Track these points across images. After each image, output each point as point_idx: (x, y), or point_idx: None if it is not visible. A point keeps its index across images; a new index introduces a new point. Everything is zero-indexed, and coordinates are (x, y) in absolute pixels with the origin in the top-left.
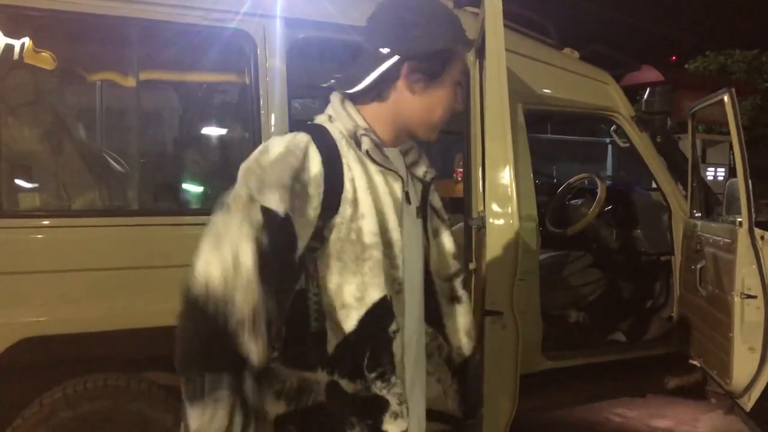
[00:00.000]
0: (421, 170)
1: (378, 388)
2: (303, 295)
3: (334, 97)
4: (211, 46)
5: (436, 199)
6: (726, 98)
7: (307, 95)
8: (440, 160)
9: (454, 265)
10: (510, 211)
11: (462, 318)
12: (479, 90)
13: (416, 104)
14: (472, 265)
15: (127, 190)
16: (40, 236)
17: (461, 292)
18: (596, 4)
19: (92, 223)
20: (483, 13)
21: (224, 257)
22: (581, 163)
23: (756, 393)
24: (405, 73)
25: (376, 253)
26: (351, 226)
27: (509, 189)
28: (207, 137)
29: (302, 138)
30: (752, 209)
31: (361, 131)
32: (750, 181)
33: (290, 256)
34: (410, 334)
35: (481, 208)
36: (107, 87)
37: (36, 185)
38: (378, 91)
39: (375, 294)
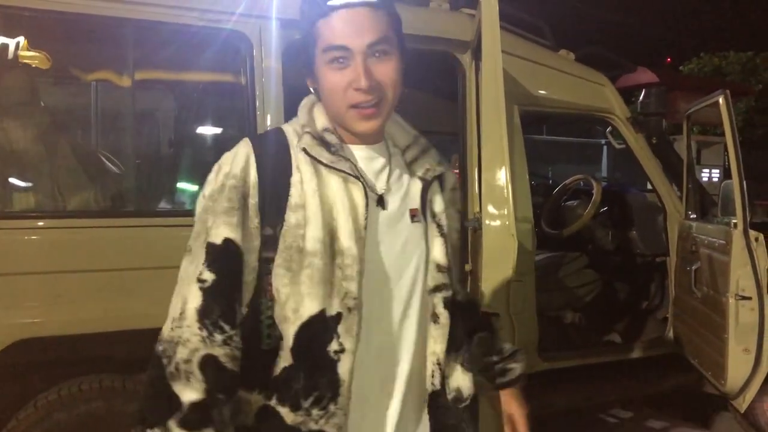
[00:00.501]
0: (421, 168)
1: (314, 418)
2: (256, 310)
3: (304, 100)
4: (207, 47)
5: (437, 202)
6: (721, 100)
7: (303, 96)
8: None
9: (437, 278)
10: (506, 212)
11: (433, 342)
12: (475, 91)
13: (323, 100)
14: (468, 267)
15: (123, 191)
16: (35, 237)
17: (440, 310)
18: (591, 7)
19: (87, 224)
20: (479, 15)
21: (176, 304)
22: (576, 164)
23: (751, 394)
24: (302, 66)
25: (317, 261)
26: (296, 233)
27: (505, 190)
28: (203, 138)
29: (241, 148)
30: (747, 211)
31: (307, 128)
32: (745, 183)
33: (246, 278)
34: (369, 359)
35: (477, 209)
36: (103, 87)
37: (31, 186)
38: (317, 94)
39: (312, 306)
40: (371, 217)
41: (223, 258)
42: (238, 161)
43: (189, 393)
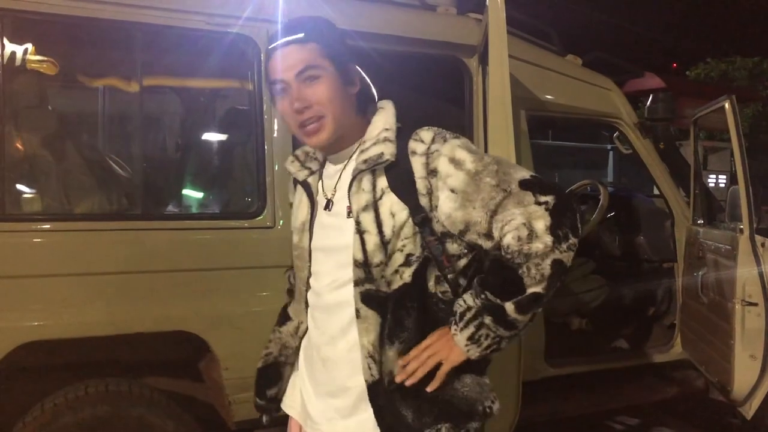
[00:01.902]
0: (350, 168)
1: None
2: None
3: None
4: (214, 51)
5: (357, 199)
6: (727, 105)
7: None
8: None
9: (355, 273)
10: None
11: (361, 336)
12: (482, 95)
13: None
14: None
15: (130, 195)
16: (41, 240)
17: (360, 304)
18: (598, 12)
19: (94, 227)
20: (486, 20)
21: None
22: (582, 169)
23: (757, 401)
24: None
25: (295, 252)
26: None
27: None
28: (210, 142)
29: None
30: (753, 216)
31: (296, 150)
32: (751, 188)
33: None
34: (315, 333)
35: None
36: (110, 92)
37: (38, 189)
38: None
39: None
40: (319, 217)
41: None
42: None
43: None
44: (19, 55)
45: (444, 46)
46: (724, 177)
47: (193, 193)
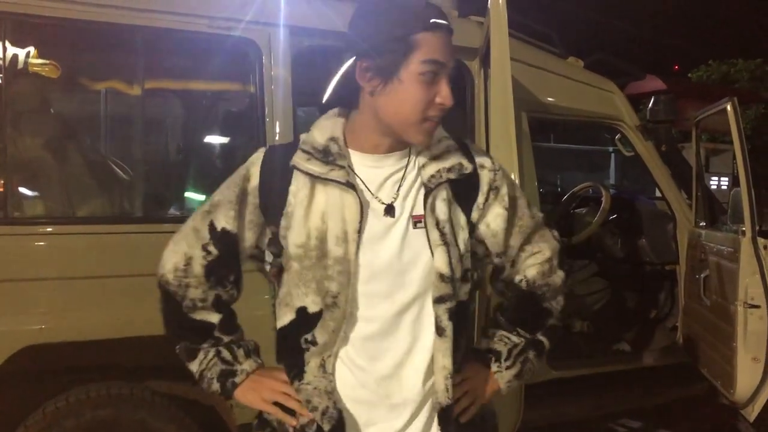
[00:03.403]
0: (427, 174)
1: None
2: (273, 299)
3: (329, 113)
4: (216, 54)
5: (440, 208)
6: (728, 107)
7: (312, 104)
8: None
9: (439, 288)
10: None
11: (440, 355)
12: (484, 98)
13: (381, 106)
14: (476, 274)
15: (132, 198)
16: (43, 243)
17: (446, 322)
18: (600, 14)
19: (96, 231)
20: (488, 22)
21: (178, 256)
22: (583, 171)
23: (760, 403)
24: (359, 74)
25: (295, 265)
26: (284, 235)
27: None
28: (212, 145)
29: (257, 154)
30: (755, 218)
31: (305, 144)
32: (753, 191)
33: (233, 263)
34: (360, 359)
35: None
36: (112, 95)
37: (40, 192)
38: (352, 99)
39: (297, 302)
40: (371, 222)
41: (224, 242)
42: (248, 164)
43: (212, 316)
44: (21, 58)
45: None
46: (726, 179)
47: (196, 196)
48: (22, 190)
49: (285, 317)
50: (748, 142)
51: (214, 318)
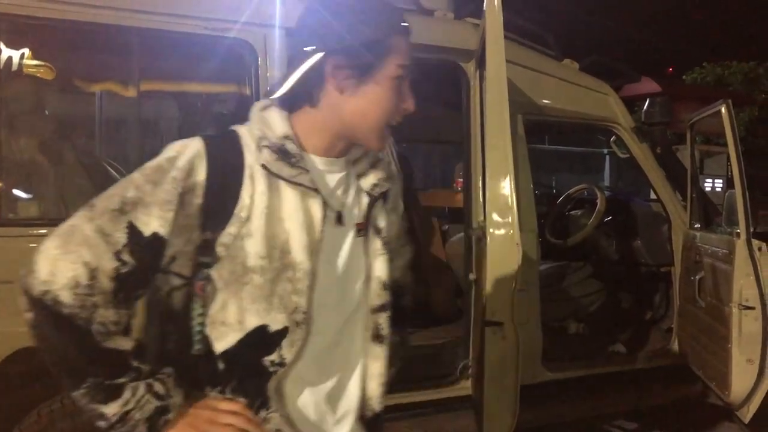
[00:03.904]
0: (368, 182)
1: None
2: (186, 315)
3: (256, 104)
4: (212, 56)
5: (381, 218)
6: (723, 110)
7: None
8: (440, 170)
9: (381, 297)
10: (511, 221)
11: (379, 363)
12: (479, 100)
13: (348, 106)
14: (472, 276)
15: None
16: (39, 245)
17: (386, 330)
18: (595, 16)
19: None
20: (484, 24)
21: (77, 266)
22: (578, 173)
23: (755, 404)
24: (330, 71)
25: (257, 279)
26: (237, 244)
27: (510, 199)
28: None
29: (194, 143)
30: (750, 220)
31: (265, 141)
32: (747, 193)
33: (148, 276)
34: (311, 374)
35: (481, 218)
36: (107, 96)
37: (35, 194)
38: (308, 95)
39: (253, 321)
40: (326, 231)
41: (149, 250)
42: (187, 155)
43: (126, 342)
44: (16, 59)
45: (441, 50)
46: (720, 181)
47: None
48: (17, 192)
49: (227, 337)
50: (742, 144)
51: (128, 344)
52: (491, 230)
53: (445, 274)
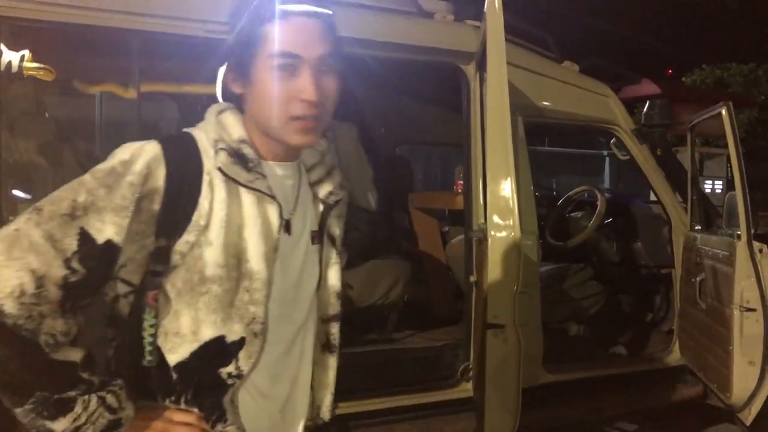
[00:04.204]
0: (324, 190)
1: None
2: (138, 326)
3: (212, 107)
4: (211, 59)
5: (335, 226)
6: (723, 112)
7: None
8: (440, 172)
9: (335, 306)
10: (511, 223)
11: (330, 372)
12: (480, 102)
13: (250, 108)
14: (472, 278)
15: None
16: None
17: (336, 340)
18: (595, 19)
19: None
20: (485, 26)
21: (22, 274)
22: (578, 175)
23: (756, 407)
24: (226, 77)
25: (215, 288)
26: (194, 253)
27: (510, 201)
28: None
29: (150, 146)
30: (750, 222)
31: (221, 144)
32: (748, 194)
33: (97, 285)
34: (265, 384)
35: (482, 220)
36: (107, 98)
37: (35, 195)
38: (236, 100)
39: (208, 332)
40: (281, 238)
41: (101, 258)
42: (144, 159)
43: (75, 354)
44: (16, 62)
45: (441, 52)
46: (720, 183)
47: None
48: (17, 193)
49: (181, 349)
50: (742, 145)
51: (77, 355)
52: (492, 232)
53: (445, 276)
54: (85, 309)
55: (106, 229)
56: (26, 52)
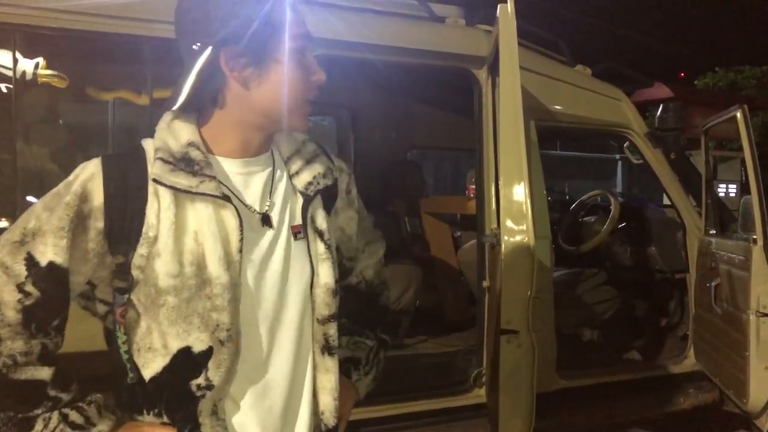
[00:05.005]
0: (302, 182)
1: None
2: (114, 344)
3: (164, 115)
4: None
5: (320, 218)
6: (739, 115)
7: (318, 113)
8: (451, 177)
9: (330, 306)
10: (525, 227)
11: (331, 376)
12: (492, 106)
13: (257, 95)
14: (485, 283)
15: None
16: None
17: (335, 341)
18: (607, 22)
19: None
20: (497, 31)
21: None
22: (591, 179)
23: None
24: (226, 65)
25: (171, 299)
26: (150, 266)
27: (524, 205)
28: None
29: (90, 166)
30: (767, 226)
31: (159, 153)
32: (764, 198)
33: (59, 305)
34: (253, 395)
35: (494, 224)
36: (120, 104)
37: None
38: (212, 97)
39: (174, 344)
40: (249, 238)
41: (49, 280)
42: (82, 179)
43: (42, 372)
44: (30, 69)
45: (453, 57)
46: (734, 186)
47: None
48: (30, 198)
49: (154, 363)
50: (757, 149)
51: (44, 374)
52: (505, 237)
53: (458, 282)
54: (57, 328)
55: (48, 252)
56: (41, 60)
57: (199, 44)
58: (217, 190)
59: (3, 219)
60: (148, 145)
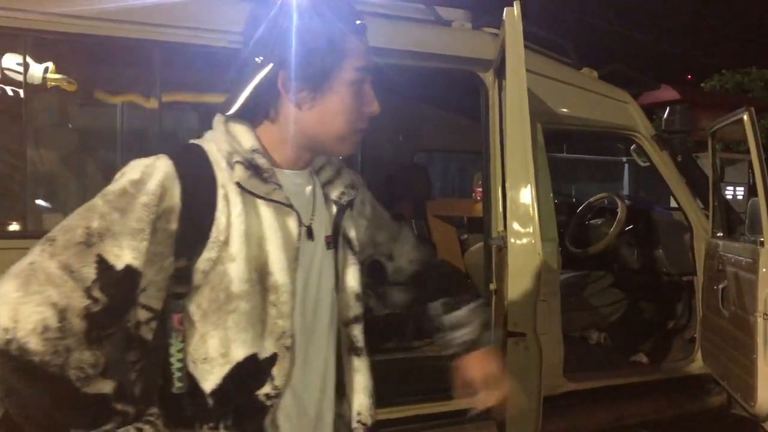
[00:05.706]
0: (336, 191)
1: None
2: (165, 351)
3: (218, 118)
4: (231, 69)
5: (350, 227)
6: (745, 117)
7: None
8: (458, 179)
9: (354, 308)
10: (532, 230)
11: (361, 375)
12: (498, 109)
13: (309, 119)
14: (492, 286)
15: None
16: None
17: (361, 342)
18: (612, 24)
19: None
20: (503, 34)
21: (43, 309)
22: (597, 182)
23: None
24: (282, 85)
25: (243, 305)
26: (217, 270)
27: (531, 208)
28: None
29: (161, 163)
30: None
31: (237, 157)
32: None
33: (122, 313)
34: (292, 398)
35: (501, 227)
36: (129, 108)
37: (58, 206)
38: (264, 109)
39: (240, 352)
40: (301, 248)
41: (122, 285)
42: (157, 177)
43: (107, 385)
44: (40, 73)
45: (459, 60)
46: (742, 189)
47: None
48: (41, 203)
49: (212, 375)
50: (764, 151)
51: (108, 387)
52: (512, 240)
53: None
54: (110, 338)
55: (124, 255)
56: (50, 64)
57: (262, 58)
58: (286, 199)
59: (13, 221)
60: (208, 147)
